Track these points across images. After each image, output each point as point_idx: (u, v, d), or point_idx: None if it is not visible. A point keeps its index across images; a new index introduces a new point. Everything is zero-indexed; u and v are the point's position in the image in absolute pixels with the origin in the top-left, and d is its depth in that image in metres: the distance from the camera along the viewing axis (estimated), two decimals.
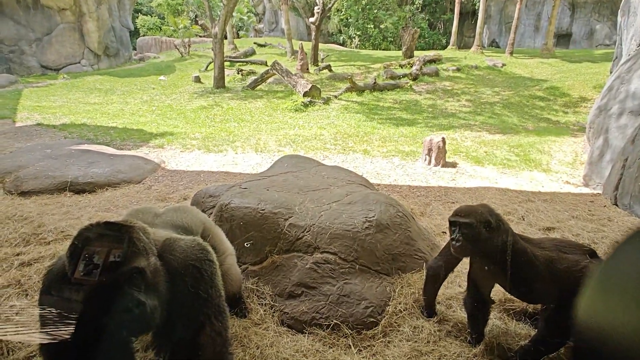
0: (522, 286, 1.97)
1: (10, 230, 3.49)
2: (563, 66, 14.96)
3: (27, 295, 2.68)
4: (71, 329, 1.36)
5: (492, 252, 1.96)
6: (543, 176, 5.23)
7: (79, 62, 15.83)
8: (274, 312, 2.50)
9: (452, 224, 2.06)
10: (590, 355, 0.46)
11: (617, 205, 4.07)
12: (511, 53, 17.24)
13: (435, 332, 2.30)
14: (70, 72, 15.00)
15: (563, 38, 23.73)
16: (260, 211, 2.87)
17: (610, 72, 6.23)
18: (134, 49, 20.64)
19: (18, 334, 2.27)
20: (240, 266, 2.81)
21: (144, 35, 22.22)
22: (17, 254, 3.12)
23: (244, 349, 2.16)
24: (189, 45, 18.71)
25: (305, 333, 2.33)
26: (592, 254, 2.00)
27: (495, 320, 2.31)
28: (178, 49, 18.61)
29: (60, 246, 3.26)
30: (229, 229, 2.96)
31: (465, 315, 2.31)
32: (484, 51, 18.33)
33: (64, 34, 15.13)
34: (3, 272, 2.89)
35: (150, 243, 1.54)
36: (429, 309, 2.43)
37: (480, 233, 1.96)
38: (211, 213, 3.37)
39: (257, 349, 2.18)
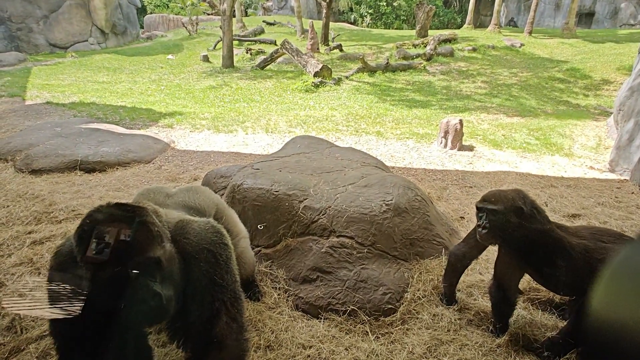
0: (555, 278, 1.85)
1: (21, 208, 3.47)
2: (585, 47, 14.28)
3: (39, 273, 2.66)
4: (77, 311, 1.30)
5: (524, 241, 1.83)
6: (565, 161, 5.02)
7: (87, 40, 15.64)
8: (288, 297, 2.44)
9: (479, 209, 1.95)
10: (602, 353, 0.44)
11: None
12: (530, 33, 16.50)
13: (455, 320, 2.22)
14: (78, 51, 14.85)
15: (585, 17, 22.62)
16: (274, 193, 2.77)
17: (639, 52, 5.87)
18: (142, 27, 20.32)
19: (32, 309, 2.26)
20: (253, 249, 2.74)
21: (151, 13, 21.81)
22: (29, 232, 3.10)
23: (258, 333, 2.11)
24: (197, 24, 18.32)
25: (321, 318, 2.27)
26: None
27: (520, 310, 2.21)
28: (186, 27, 18.24)
29: (71, 225, 3.22)
30: (241, 211, 2.88)
31: (488, 304, 2.21)
32: (501, 30, 17.58)
33: (71, 11, 14.89)
34: (15, 250, 2.87)
35: (164, 226, 1.45)
36: (449, 297, 2.34)
37: (510, 220, 1.84)
38: (223, 194, 3.29)
39: (271, 333, 2.13)
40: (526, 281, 2.26)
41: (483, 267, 2.74)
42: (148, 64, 12.89)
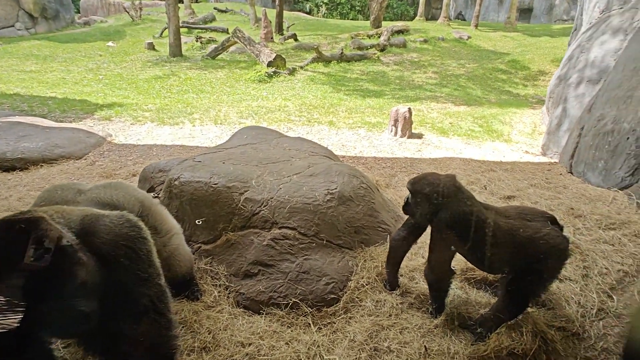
0: (483, 256, 1.91)
1: None
2: (524, 40, 15.26)
3: None
4: None
5: (451, 221, 1.88)
6: (504, 146, 5.32)
7: (13, 26, 14.02)
8: (229, 293, 2.33)
9: (409, 190, 2.06)
10: None
11: (572, 173, 4.20)
12: (476, 26, 17.31)
13: (397, 305, 2.24)
14: (3, 37, 13.27)
15: (525, 12, 24.17)
16: (213, 185, 2.62)
17: (569, 45, 6.33)
18: (77, 11, 18.57)
19: None
20: (192, 246, 2.59)
21: None
22: None
23: (193, 335, 1.98)
24: (141, 9, 17.07)
25: (262, 314, 2.19)
26: (553, 220, 1.98)
27: (456, 290, 2.27)
28: (128, 13, 16.93)
29: None
30: (179, 206, 2.70)
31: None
32: (450, 23, 18.28)
33: None
34: None
35: (65, 227, 1.29)
36: (392, 282, 2.36)
37: (431, 201, 1.92)
38: (162, 189, 3.08)
39: (208, 333, 2.01)
40: (463, 261, 2.33)
41: (425, 251, 2.81)
42: (85, 51, 11.81)
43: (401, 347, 1.95)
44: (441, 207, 1.90)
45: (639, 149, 3.45)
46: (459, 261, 2.38)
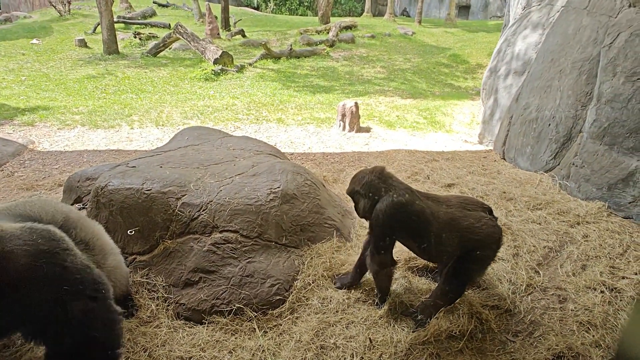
0: (423, 244, 1.97)
1: None
2: (463, 35, 16.17)
3: None
4: None
5: (387, 213, 1.92)
6: (446, 137, 5.58)
7: None
8: (168, 306, 2.19)
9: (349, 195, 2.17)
10: None
11: (504, 159, 4.51)
12: (420, 22, 18.04)
13: (344, 300, 2.25)
14: None
15: (463, 9, 25.64)
16: (146, 192, 2.44)
17: (499, 40, 6.78)
18: None
19: None
20: (126, 258, 2.40)
21: None
22: None
23: (126, 356, 1.83)
24: (70, 3, 15.60)
25: (205, 323, 2.09)
26: (490, 211, 2.09)
27: (399, 279, 2.33)
28: (55, 7, 15.39)
29: None
30: (108, 216, 2.49)
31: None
32: (396, 19, 18.88)
33: None
34: None
35: None
36: (352, 283, 2.34)
37: (367, 197, 2.00)
38: (89, 200, 2.82)
39: (144, 352, 1.88)
40: (406, 251, 2.39)
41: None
42: (4, 50, 10.57)
43: (347, 342, 1.95)
44: (373, 199, 1.95)
45: (559, 134, 3.78)
46: (402, 251, 2.44)
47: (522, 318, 2.15)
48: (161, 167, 2.86)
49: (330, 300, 2.24)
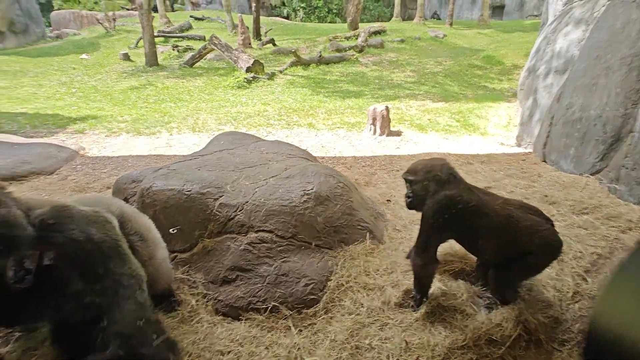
0: (477, 240, 1.94)
1: None
2: (498, 36, 15.66)
3: None
4: None
5: (445, 205, 1.89)
6: (481, 139, 5.41)
7: None
8: (207, 302, 2.28)
9: (405, 180, 2.09)
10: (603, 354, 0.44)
11: (545, 161, 4.30)
12: (451, 24, 17.69)
13: (377, 303, 2.22)
14: None
15: (497, 9, 24.85)
16: (186, 193, 2.57)
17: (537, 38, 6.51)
18: (48, 24, 18.12)
19: None
20: (169, 256, 2.53)
21: (58, 9, 19.51)
22: None
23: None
24: (115, 20, 16.77)
25: (242, 320, 2.15)
26: (552, 222, 2.02)
27: (435, 282, 2.28)
28: (102, 24, 16.60)
29: None
30: (152, 216, 2.62)
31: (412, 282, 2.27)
32: (426, 23, 18.63)
33: None
34: None
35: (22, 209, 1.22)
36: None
37: (429, 188, 1.95)
38: (135, 201, 3.00)
39: (191, 345, 1.96)
40: (441, 253, 2.34)
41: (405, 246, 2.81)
42: (57, 65, 11.51)
43: (382, 343, 1.93)
44: (430, 190, 1.93)
45: (606, 134, 3.56)
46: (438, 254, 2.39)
47: (569, 327, 2.04)
48: (199, 170, 2.99)
49: (364, 302, 2.23)
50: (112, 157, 4.73)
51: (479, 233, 1.91)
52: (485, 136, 5.55)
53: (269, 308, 2.15)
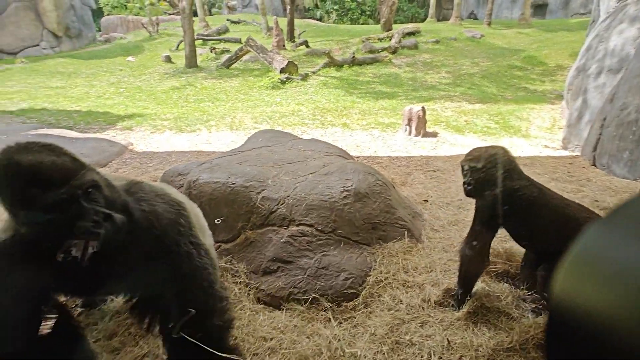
0: (531, 232, 1.89)
1: None
2: (540, 35, 14.96)
3: None
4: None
5: (504, 195, 1.87)
6: (522, 141, 5.21)
7: (39, 45, 14.75)
8: (249, 290, 2.36)
9: (462, 167, 2.05)
10: (564, 334, 0.45)
11: (595, 165, 4.07)
12: (489, 24, 17.11)
13: (417, 300, 2.22)
14: (29, 56, 13.98)
15: (539, 8, 23.70)
16: (231, 185, 2.68)
17: (587, 36, 6.17)
18: (99, 29, 19.40)
19: None
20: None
21: (108, 15, 20.85)
22: None
23: None
24: (158, 24, 17.68)
25: (283, 309, 2.21)
26: None
27: (478, 283, 2.24)
28: (146, 28, 17.56)
29: None
30: (198, 207, 2.77)
31: (453, 282, 2.24)
32: (462, 23, 18.13)
33: (18, 14, 13.98)
34: None
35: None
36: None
37: (489, 176, 1.91)
38: (182, 192, 3.17)
39: (235, 330, 2.05)
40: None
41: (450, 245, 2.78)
42: (106, 67, 12.31)
43: (423, 340, 1.92)
44: (489, 179, 1.90)
45: None
46: None
47: None
48: (241, 164, 3.11)
49: (403, 299, 2.23)
50: (157, 152, 5.00)
51: (538, 225, 1.85)
52: (528, 139, 5.33)
53: (309, 299, 2.20)
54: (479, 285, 2.22)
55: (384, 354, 1.86)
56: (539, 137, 5.38)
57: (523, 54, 12.40)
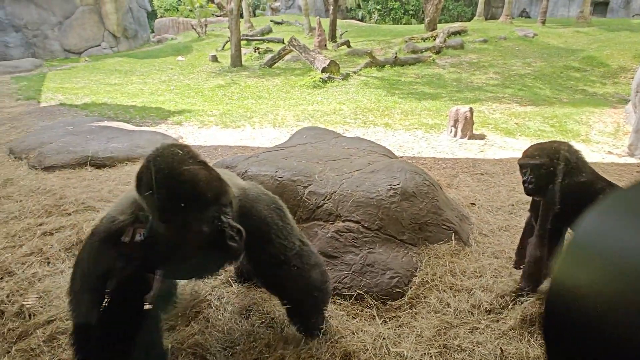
0: None
1: (33, 202, 3.52)
2: (600, 35, 13.83)
3: (48, 262, 2.69)
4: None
5: (573, 192, 1.76)
6: (583, 147, 4.83)
7: (100, 45, 15.99)
8: None
9: (522, 166, 1.97)
10: (561, 320, 0.44)
11: None
12: (543, 22, 16.08)
13: (465, 305, 2.13)
14: (91, 55, 15.19)
15: (600, 6, 21.94)
16: (278, 179, 2.74)
17: None
18: (152, 31, 20.64)
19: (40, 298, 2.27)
20: None
21: (161, 17, 22.14)
22: (40, 224, 3.15)
23: (261, 316, 2.07)
24: (206, 25, 18.50)
25: None
26: None
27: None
28: (195, 30, 18.44)
29: (80, 217, 3.26)
30: None
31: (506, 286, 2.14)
32: (513, 21, 17.20)
33: (84, 17, 15.24)
34: (26, 241, 2.92)
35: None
36: (516, 262, 2.33)
37: (555, 173, 1.82)
38: None
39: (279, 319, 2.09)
40: None
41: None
42: (158, 65, 13.07)
43: (474, 346, 1.85)
44: (555, 175, 1.82)
45: None
46: None
47: None
48: (285, 159, 3.16)
49: (451, 302, 2.16)
50: (204, 146, 5.23)
51: None
52: (589, 144, 4.95)
53: (354, 295, 2.20)
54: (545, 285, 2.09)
55: (431, 356, 1.81)
56: (601, 143, 4.97)
57: (581, 55, 11.53)
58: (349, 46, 14.05)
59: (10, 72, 11.91)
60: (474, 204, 3.41)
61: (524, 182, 1.95)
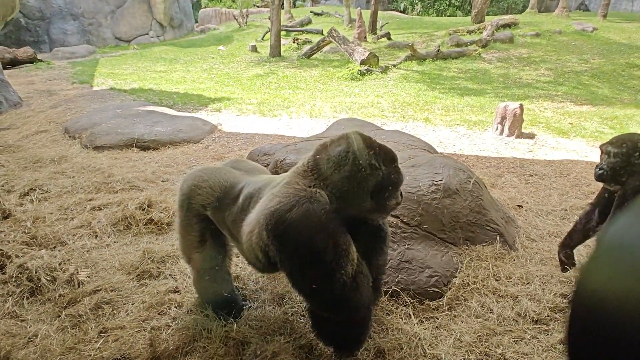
0: None
1: (84, 179, 3.75)
2: None
3: (96, 236, 2.85)
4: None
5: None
6: None
7: (147, 34, 16.68)
8: None
9: (603, 151, 1.99)
10: (586, 325, 0.43)
11: None
12: (604, 16, 14.77)
13: (509, 312, 2.00)
14: (140, 43, 15.91)
15: None
16: None
17: None
18: (196, 20, 21.25)
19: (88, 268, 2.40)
20: None
21: (205, 7, 22.73)
22: (90, 200, 3.34)
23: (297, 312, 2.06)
24: (247, 16, 18.75)
25: None
26: None
27: None
28: (236, 20, 18.76)
29: (126, 195, 3.42)
30: None
31: (555, 299, 1.98)
32: (570, 14, 15.93)
33: (134, 6, 15.95)
34: (77, 215, 3.10)
35: None
36: (561, 260, 2.30)
37: (633, 163, 1.84)
38: (268, 170, 3.30)
39: None
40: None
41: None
42: (201, 54, 13.44)
43: (518, 357, 1.73)
44: (634, 165, 1.81)
45: None
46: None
47: None
48: None
49: (493, 308, 2.03)
50: (242, 134, 5.31)
51: None
52: None
53: (390, 291, 2.13)
54: None
55: None
56: None
57: None
58: (389, 38, 13.67)
59: (67, 57, 12.75)
60: (521, 206, 3.19)
61: (596, 167, 1.97)
